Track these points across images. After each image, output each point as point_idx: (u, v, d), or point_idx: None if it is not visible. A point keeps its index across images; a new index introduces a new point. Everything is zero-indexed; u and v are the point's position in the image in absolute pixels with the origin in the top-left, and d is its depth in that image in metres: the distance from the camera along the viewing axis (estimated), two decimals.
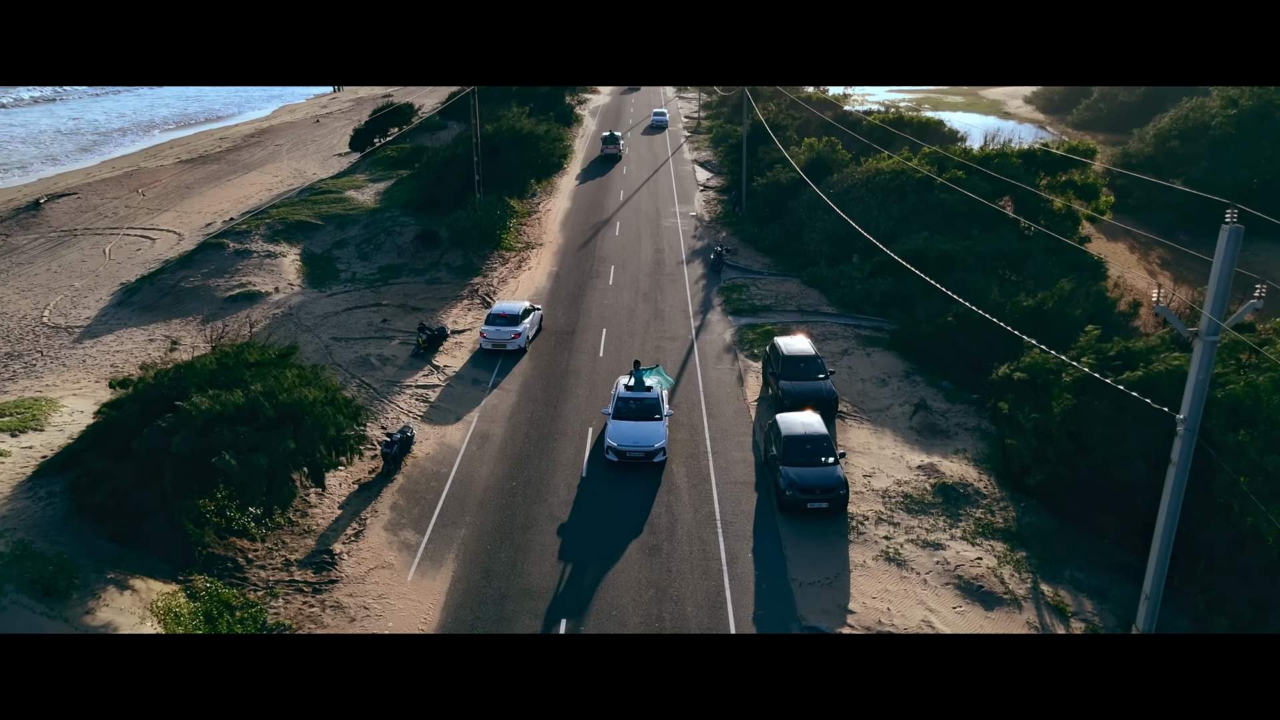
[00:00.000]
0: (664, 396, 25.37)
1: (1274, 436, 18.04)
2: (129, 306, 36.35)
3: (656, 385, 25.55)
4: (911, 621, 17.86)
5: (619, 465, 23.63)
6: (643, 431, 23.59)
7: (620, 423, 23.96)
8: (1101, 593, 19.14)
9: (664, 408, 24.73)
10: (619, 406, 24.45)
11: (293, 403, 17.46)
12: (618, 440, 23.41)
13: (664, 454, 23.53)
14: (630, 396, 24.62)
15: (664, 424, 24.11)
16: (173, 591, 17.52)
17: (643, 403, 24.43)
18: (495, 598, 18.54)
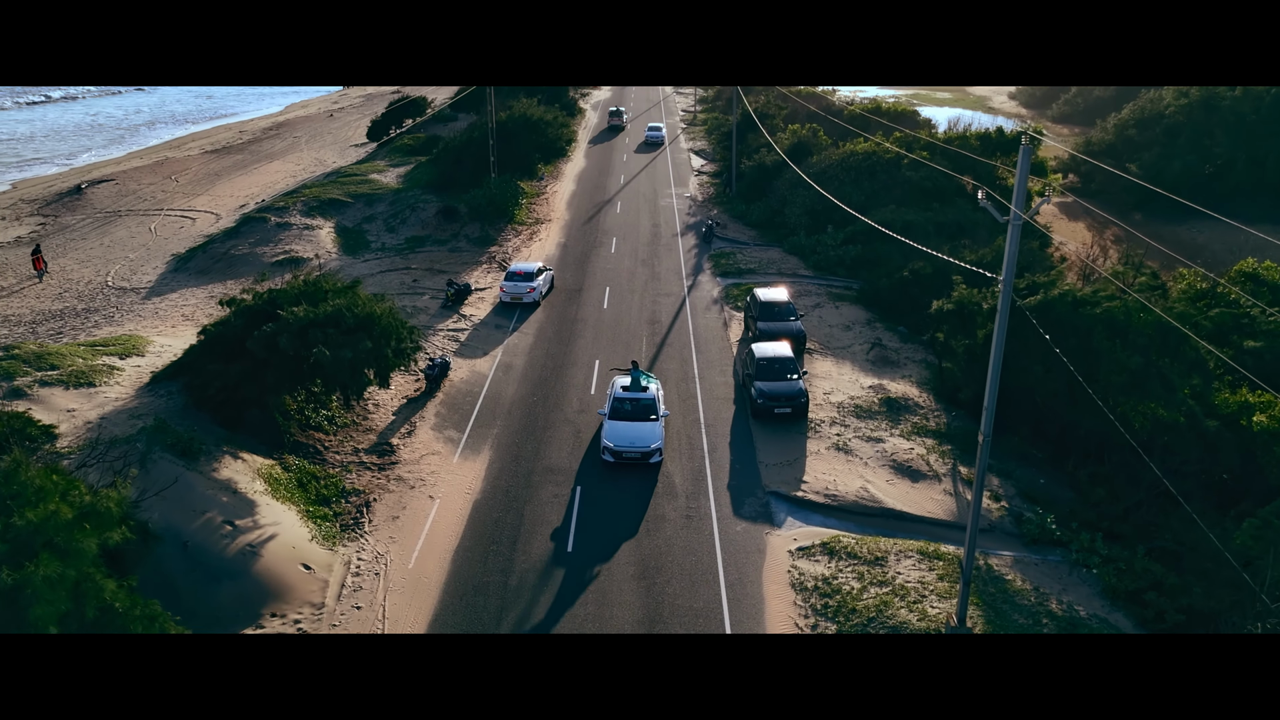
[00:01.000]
0: (660, 397, 25.55)
1: (1134, 341, 23.25)
2: (185, 271, 41.54)
3: (654, 386, 25.66)
4: (851, 488, 23.05)
5: None
6: (639, 432, 23.81)
7: (616, 423, 24.13)
8: (1008, 473, 24.32)
9: (660, 408, 24.95)
10: (615, 407, 24.58)
11: (367, 314, 22.67)
12: (614, 440, 23.62)
13: (660, 454, 23.83)
14: (627, 397, 24.80)
15: (660, 424, 24.35)
16: (271, 464, 22.69)
17: (639, 403, 24.62)
18: (524, 473, 23.73)
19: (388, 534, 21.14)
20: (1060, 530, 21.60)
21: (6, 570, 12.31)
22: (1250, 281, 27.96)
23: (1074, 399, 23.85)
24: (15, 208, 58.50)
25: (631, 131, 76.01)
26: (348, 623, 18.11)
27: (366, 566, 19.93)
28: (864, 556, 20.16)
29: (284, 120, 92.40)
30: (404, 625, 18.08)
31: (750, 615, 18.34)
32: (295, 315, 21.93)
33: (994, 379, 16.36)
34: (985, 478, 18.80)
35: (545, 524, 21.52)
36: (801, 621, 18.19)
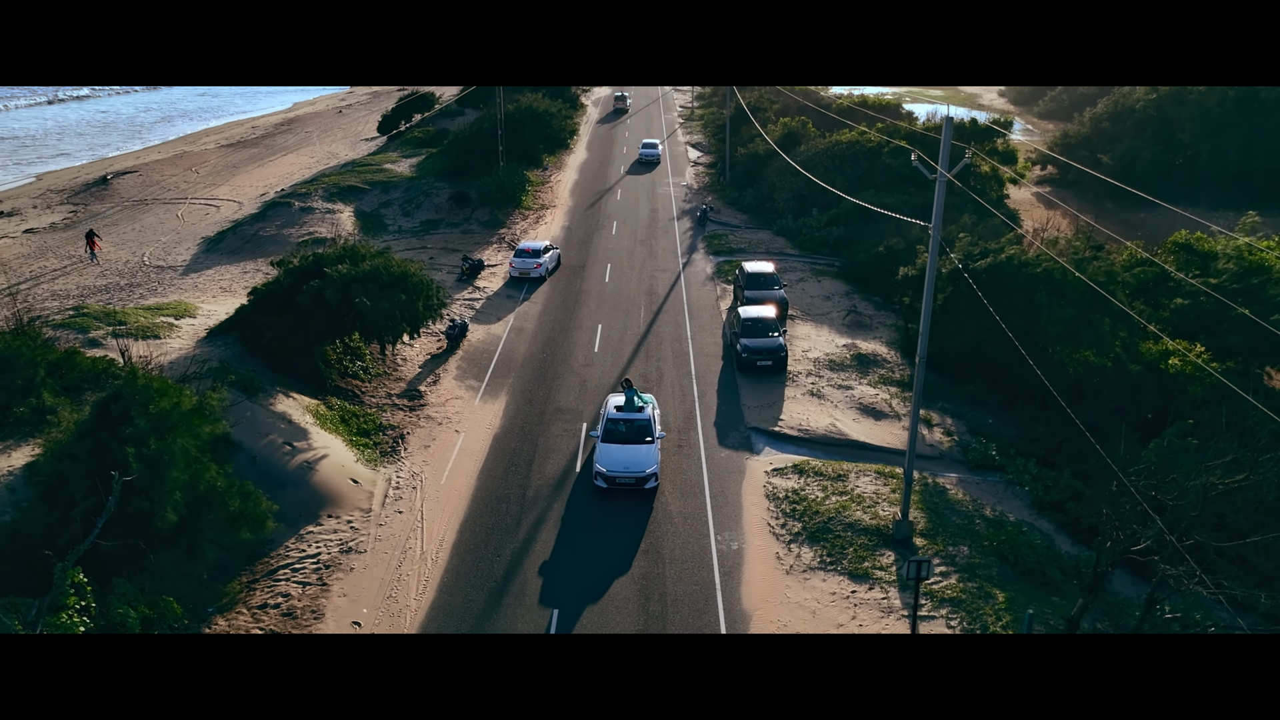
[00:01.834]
0: (656, 417, 24.50)
1: (1069, 296, 26.99)
2: (216, 251, 45.30)
3: (649, 406, 24.61)
4: (821, 424, 26.79)
5: (623, 338, 32.51)
6: (634, 456, 22.80)
7: (609, 446, 23.13)
8: (959, 414, 28.08)
9: (656, 428, 23.92)
10: (608, 428, 23.63)
11: (401, 272, 26.43)
12: (606, 465, 22.67)
13: (656, 480, 22.89)
14: (621, 418, 23.80)
15: (656, 447, 23.27)
16: (316, 404, 26.42)
17: (634, 424, 23.62)
18: (536, 413, 27.48)
19: (421, 459, 24.89)
20: (1000, 457, 25.35)
21: (154, 439, 16.05)
22: (1184, 251, 31.68)
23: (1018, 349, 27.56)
24: (45, 197, 62.32)
25: (632, 126, 79.75)
26: (391, 524, 21.85)
27: (405, 482, 23.69)
28: (828, 475, 23.90)
29: (294, 117, 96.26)
30: (439, 526, 21.81)
31: (730, 518, 22.07)
32: (339, 273, 25.71)
33: (927, 309, 20.07)
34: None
35: (557, 452, 25.26)
36: (773, 522, 21.91)
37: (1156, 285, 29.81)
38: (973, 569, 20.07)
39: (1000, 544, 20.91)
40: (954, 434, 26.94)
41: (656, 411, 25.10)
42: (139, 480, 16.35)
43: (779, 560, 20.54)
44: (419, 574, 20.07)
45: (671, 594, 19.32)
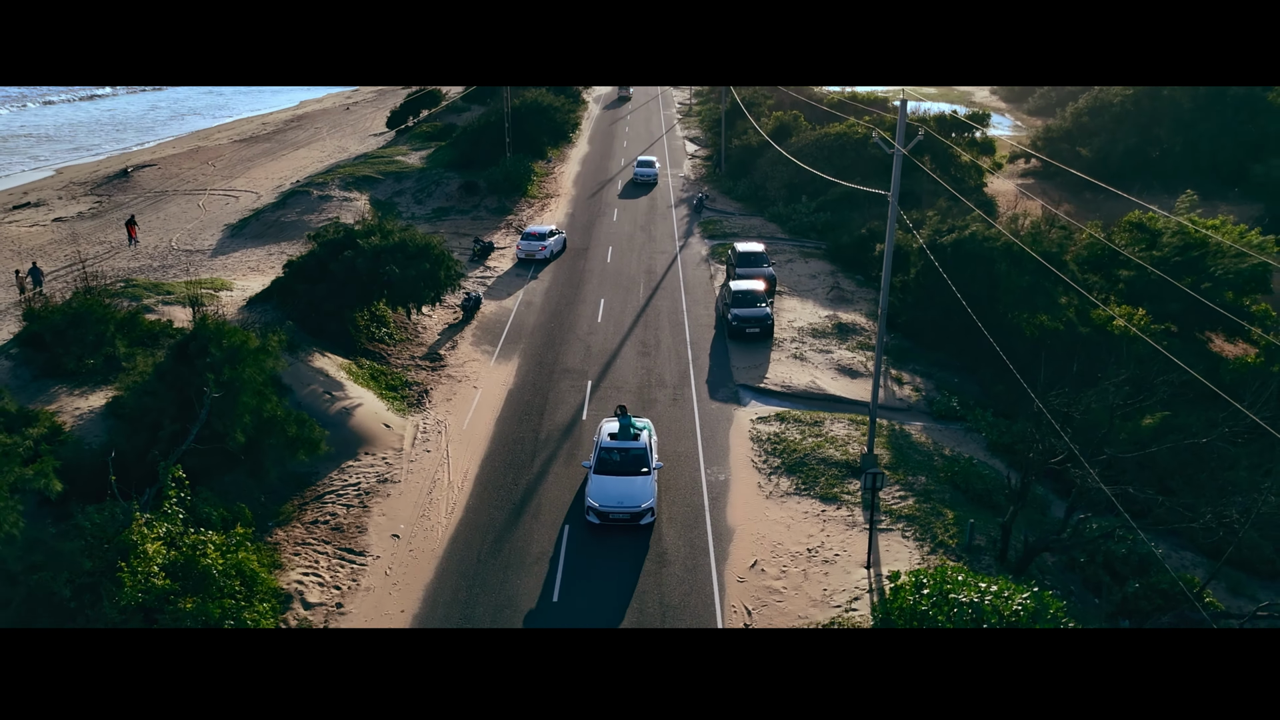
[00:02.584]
0: (653, 445, 23.40)
1: (1026, 266, 30.21)
2: (241, 236, 48.57)
3: (645, 434, 23.45)
4: (802, 382, 30.04)
5: (623, 311, 35.74)
6: (629, 489, 21.62)
7: (603, 478, 21.95)
8: (928, 375, 31.34)
9: (652, 458, 22.79)
10: (601, 458, 22.52)
11: (424, 244, 29.72)
12: (599, 500, 21.47)
13: (652, 514, 21.72)
14: (615, 447, 22.72)
15: (653, 479, 22.13)
16: (348, 363, 29.67)
17: (629, 454, 22.52)
18: (546, 372, 30.73)
19: (444, 409, 28.16)
20: (961, 409, 28.60)
21: (228, 369, 19.32)
22: (1137, 229, 34.95)
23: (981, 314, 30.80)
24: (69, 189, 65.65)
25: (632, 123, 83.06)
26: (421, 460, 25.09)
27: (431, 427, 26.95)
28: (806, 421, 27.16)
29: (302, 114, 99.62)
30: (463, 462, 25.06)
31: (718, 456, 25.32)
32: (371, 244, 28.99)
33: (888, 266, 23.30)
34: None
35: (565, 404, 28.52)
36: (756, 459, 25.15)
37: (1110, 259, 33.05)
38: (928, 494, 23.34)
39: (954, 474, 24.19)
40: (922, 390, 30.20)
41: (653, 438, 23.87)
42: (214, 405, 19.63)
43: (760, 488, 23.80)
44: (447, 499, 23.33)
45: (667, 514, 22.56)
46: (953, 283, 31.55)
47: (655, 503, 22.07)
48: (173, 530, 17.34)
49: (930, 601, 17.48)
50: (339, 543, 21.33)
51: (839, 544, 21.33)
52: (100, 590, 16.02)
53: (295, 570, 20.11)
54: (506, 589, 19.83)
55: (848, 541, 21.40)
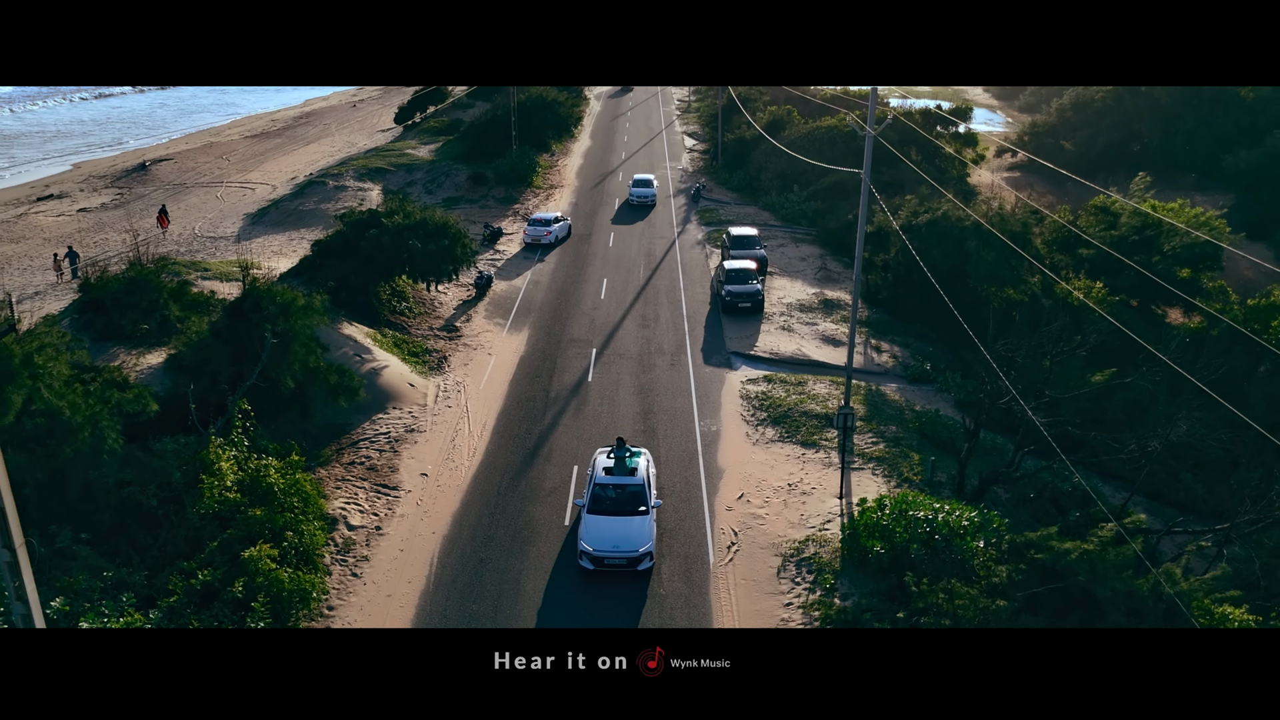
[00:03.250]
0: (651, 479, 22.04)
1: (994, 243, 33.26)
2: (261, 224, 51.64)
3: (643, 466, 22.04)
4: (789, 349, 33.09)
5: (625, 289, 38.76)
6: (625, 532, 20.12)
7: (597, 519, 20.51)
8: (905, 344, 34.40)
9: (651, 495, 21.33)
10: (595, 494, 21.09)
11: (443, 222, 32.82)
12: (592, 543, 20.00)
13: (651, 559, 20.22)
14: (610, 483, 21.27)
15: (651, 519, 20.68)
16: (373, 332, 32.71)
17: (625, 491, 21.12)
18: (554, 341, 33.79)
19: (462, 373, 31.21)
20: (934, 373, 31.64)
21: (282, 320, 22.39)
22: (1101, 212, 38.00)
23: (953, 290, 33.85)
24: (89, 182, 68.81)
25: (633, 118, 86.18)
26: (443, 414, 28.13)
27: (451, 387, 30.00)
28: (791, 382, 30.21)
29: (310, 111, 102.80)
30: (481, 415, 28.10)
31: (710, 411, 28.36)
32: (394, 222, 32.07)
33: (861, 235, 26.32)
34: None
35: (572, 368, 31.57)
36: (745, 413, 28.18)
37: (1074, 239, 36.10)
38: (897, 440, 26.40)
39: (921, 425, 27.24)
40: (899, 358, 33.28)
41: (652, 470, 22.72)
42: (268, 354, 22.68)
43: (747, 437, 26.85)
44: (469, 445, 26.38)
45: (665, 457, 25.60)
46: (927, 259, 34.53)
47: (654, 546, 20.44)
48: (239, 455, 20.39)
49: (890, 517, 20.56)
50: (374, 480, 24.37)
51: (816, 480, 24.38)
52: (183, 500, 19.07)
53: (338, 500, 23.14)
54: (524, 515, 22.87)
55: (824, 478, 24.45)
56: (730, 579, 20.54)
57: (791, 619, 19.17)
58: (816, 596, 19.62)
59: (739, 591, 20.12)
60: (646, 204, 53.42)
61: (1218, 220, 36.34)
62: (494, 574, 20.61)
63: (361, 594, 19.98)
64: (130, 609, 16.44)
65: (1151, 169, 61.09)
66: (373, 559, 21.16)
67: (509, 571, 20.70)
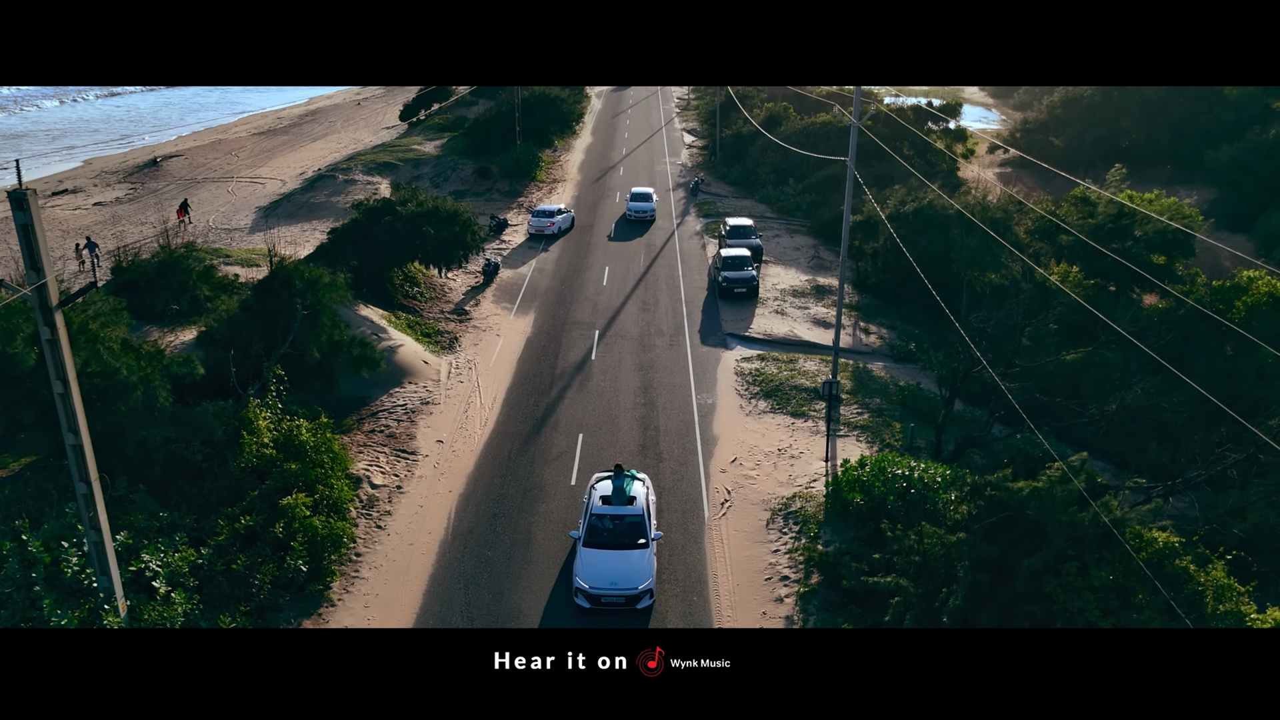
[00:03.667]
0: (651, 508, 20.99)
1: (976, 230, 35.31)
2: (274, 216, 53.64)
3: (643, 494, 21.03)
4: (782, 331, 35.10)
5: (626, 276, 40.76)
6: (623, 568, 19.12)
7: (593, 552, 19.51)
8: (892, 327, 36.41)
9: (651, 527, 20.28)
10: (592, 526, 20.07)
11: (454, 210, 34.84)
12: (589, 580, 19.02)
13: (651, 597, 19.19)
14: (607, 513, 20.23)
15: (651, 553, 19.67)
16: (388, 314, 34.72)
17: (623, 522, 20.10)
18: (560, 323, 35.81)
19: (473, 351, 33.23)
20: (918, 352, 33.63)
21: (311, 295, 24.39)
22: (1081, 202, 40.00)
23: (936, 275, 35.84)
24: (102, 177, 70.82)
25: (633, 115, 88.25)
26: (456, 389, 30.12)
27: (463, 364, 32.02)
28: (783, 360, 32.22)
29: (315, 109, 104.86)
30: (492, 389, 30.10)
31: (707, 386, 30.36)
32: (408, 209, 34.08)
33: (847, 218, 28.32)
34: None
35: (576, 348, 33.58)
36: (739, 388, 30.17)
37: (1055, 227, 38.10)
38: (881, 411, 28.41)
39: (904, 398, 29.24)
40: (886, 339, 35.30)
41: (652, 497, 21.64)
42: (300, 324, 24.68)
43: (741, 409, 28.85)
44: (480, 415, 28.39)
45: (663, 426, 27.61)
46: (914, 246, 36.54)
47: (654, 583, 19.38)
48: (274, 416, 22.41)
49: (870, 474, 22.57)
50: (394, 445, 26.38)
51: (804, 445, 26.39)
52: (225, 455, 21.08)
53: (361, 463, 25.14)
54: (533, 477, 24.88)
55: (811, 444, 26.45)
56: (723, 530, 22.54)
57: (778, 563, 21.17)
58: (802, 543, 21.62)
59: (731, 541, 22.11)
60: (645, 220, 50.01)
61: (1190, 209, 38.33)
62: (507, 526, 22.61)
63: (386, 543, 21.98)
64: (184, 545, 18.44)
65: (1139, 164, 63.18)
66: (395, 513, 23.16)
67: (520, 524, 22.70)
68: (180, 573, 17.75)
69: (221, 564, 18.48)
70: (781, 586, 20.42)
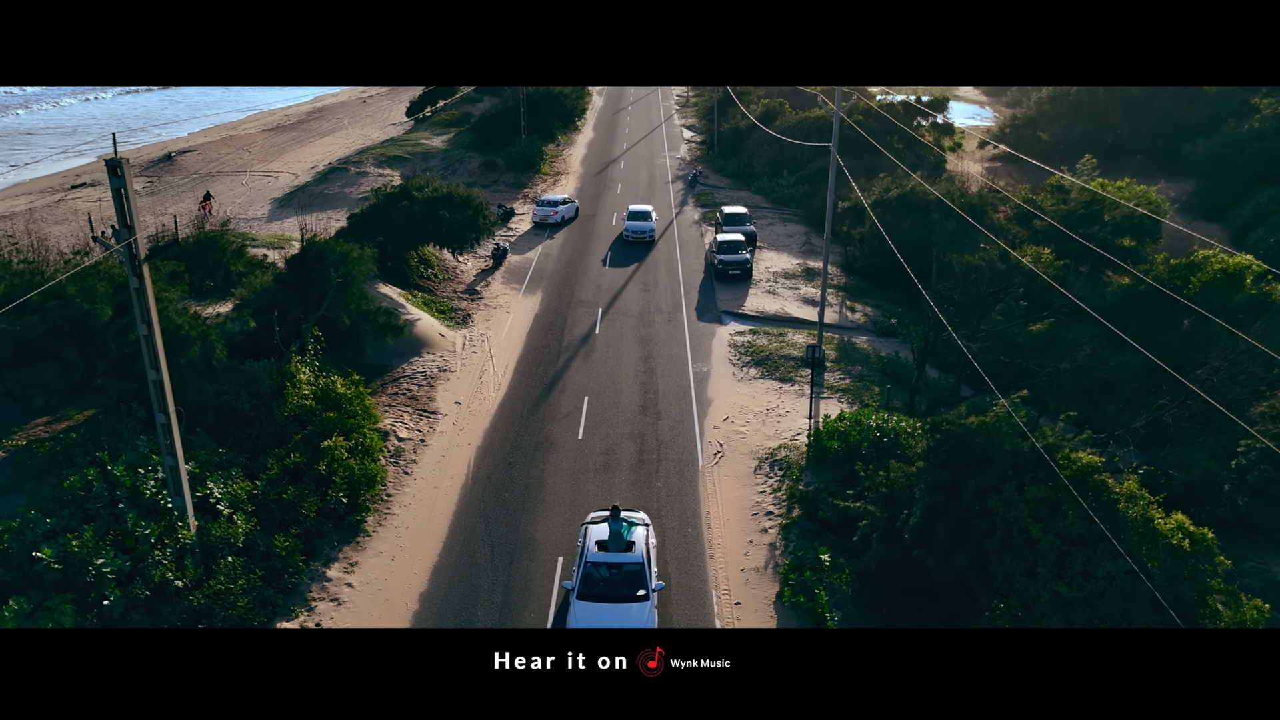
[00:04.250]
0: (652, 551, 19.53)
1: (955, 215, 38.09)
2: (290, 207, 56.42)
3: (642, 539, 19.55)
4: (773, 309, 37.87)
5: (628, 263, 43.50)
6: (622, 624, 17.48)
7: (588, 606, 18.03)
8: (878, 305, 39.18)
9: (651, 576, 18.75)
10: (587, 575, 18.58)
11: (467, 195, 37.62)
12: None
13: None
14: (604, 561, 18.75)
15: (652, 605, 18.19)
16: (405, 293, 37.47)
17: (620, 571, 18.56)
18: (565, 302, 38.58)
19: (485, 326, 36.00)
20: (899, 327, 36.37)
21: (342, 266, 27.15)
22: (1058, 190, 42.76)
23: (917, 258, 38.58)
24: None
25: (634, 112, 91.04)
26: (471, 358, 32.87)
27: (476, 337, 34.79)
28: (773, 334, 34.98)
29: (321, 106, 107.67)
30: (503, 359, 32.85)
31: (702, 356, 33.11)
32: (424, 194, 36.85)
33: (831, 199, 31.07)
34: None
35: (581, 323, 36.33)
36: (732, 358, 32.92)
37: (1032, 213, 40.88)
38: (861, 377, 31.17)
39: (883, 365, 32.00)
40: (870, 316, 38.06)
41: (652, 540, 20.04)
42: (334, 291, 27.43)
43: (733, 375, 31.61)
44: (494, 381, 31.15)
45: (662, 390, 30.35)
46: (897, 230, 39.34)
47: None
48: (312, 372, 25.17)
49: (848, 425, 25.32)
50: (416, 406, 29.14)
51: (790, 406, 29.15)
52: (270, 405, 23.83)
53: (387, 419, 27.89)
54: (543, 432, 27.62)
55: (797, 405, 29.22)
56: (716, 476, 25.29)
57: (764, 501, 23.93)
58: (785, 485, 24.38)
59: (722, 485, 24.86)
60: (644, 240, 45.92)
61: (1157, 196, 41.08)
62: (521, 472, 25.36)
63: (413, 486, 24.73)
64: (240, 478, 21.19)
65: (1121, 157, 65.95)
66: (420, 462, 25.91)
67: (533, 471, 25.45)
68: (239, 499, 20.51)
69: (274, 494, 21.23)
70: (766, 520, 23.18)
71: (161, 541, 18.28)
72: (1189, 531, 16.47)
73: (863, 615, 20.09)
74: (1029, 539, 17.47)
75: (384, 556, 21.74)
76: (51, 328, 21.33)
